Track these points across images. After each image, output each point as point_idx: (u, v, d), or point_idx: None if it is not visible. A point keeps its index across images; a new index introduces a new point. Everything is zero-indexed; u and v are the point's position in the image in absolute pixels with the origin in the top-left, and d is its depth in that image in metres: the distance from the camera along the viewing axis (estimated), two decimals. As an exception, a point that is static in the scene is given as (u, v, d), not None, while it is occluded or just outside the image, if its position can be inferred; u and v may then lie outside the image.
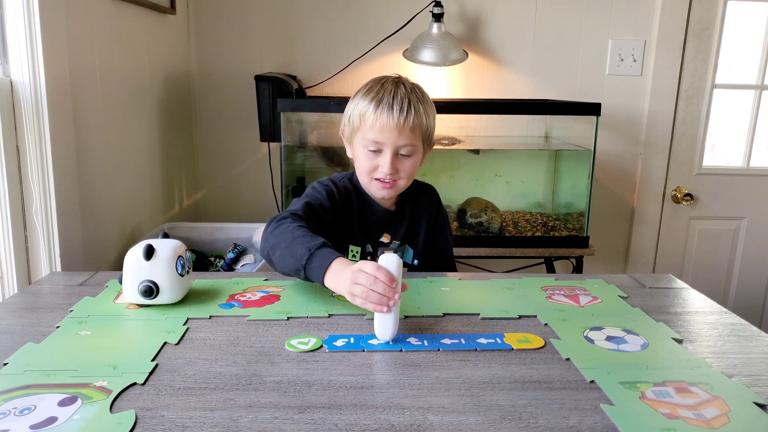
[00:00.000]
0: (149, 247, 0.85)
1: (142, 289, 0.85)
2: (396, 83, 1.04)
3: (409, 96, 1.02)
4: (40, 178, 1.10)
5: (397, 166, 1.03)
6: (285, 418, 0.59)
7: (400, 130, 1.00)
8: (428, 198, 1.18)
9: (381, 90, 1.03)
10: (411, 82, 1.06)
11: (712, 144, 2.17)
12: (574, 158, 1.94)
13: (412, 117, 1.01)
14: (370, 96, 1.03)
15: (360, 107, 1.04)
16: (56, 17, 1.12)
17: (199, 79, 2.01)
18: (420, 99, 1.03)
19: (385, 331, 0.77)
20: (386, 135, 1.01)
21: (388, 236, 1.12)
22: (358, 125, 1.04)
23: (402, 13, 1.95)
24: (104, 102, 1.36)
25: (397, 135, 1.01)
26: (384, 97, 1.01)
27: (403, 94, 1.02)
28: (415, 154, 1.05)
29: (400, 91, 1.02)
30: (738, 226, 2.18)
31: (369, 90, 1.04)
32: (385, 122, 1.00)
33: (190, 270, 0.91)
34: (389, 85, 1.03)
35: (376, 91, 1.03)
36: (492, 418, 0.59)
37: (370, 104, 1.02)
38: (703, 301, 0.96)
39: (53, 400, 0.61)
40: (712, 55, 2.04)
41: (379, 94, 1.02)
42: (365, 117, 1.02)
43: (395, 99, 1.01)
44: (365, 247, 1.11)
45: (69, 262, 1.17)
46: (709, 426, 0.58)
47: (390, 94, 1.02)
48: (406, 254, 1.14)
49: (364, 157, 1.05)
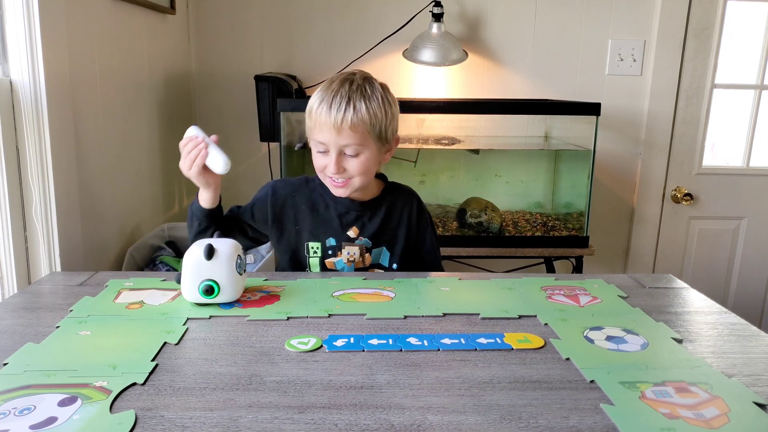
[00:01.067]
0: (210, 246, 0.85)
1: (203, 288, 0.85)
2: (344, 81, 1.02)
3: (351, 94, 0.99)
4: (39, 178, 1.10)
5: (344, 165, 1.02)
6: (285, 418, 0.59)
7: (338, 129, 0.99)
8: (407, 201, 1.16)
9: (328, 89, 1.01)
10: (364, 78, 1.03)
11: (712, 144, 2.17)
12: (573, 158, 1.94)
13: (350, 116, 0.98)
14: (319, 93, 1.02)
15: (309, 104, 1.03)
16: (56, 17, 1.11)
17: (199, 78, 2.01)
18: (366, 96, 1.00)
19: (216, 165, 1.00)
20: (326, 135, 1.00)
21: (356, 231, 1.10)
22: (309, 123, 1.04)
23: (402, 12, 1.95)
24: (104, 102, 1.36)
25: (336, 135, 0.99)
26: (325, 96, 1.00)
27: (345, 93, 0.99)
28: (364, 153, 1.02)
29: (343, 90, 1.00)
30: (738, 226, 2.18)
31: (321, 87, 1.03)
32: (324, 122, 0.99)
33: (245, 269, 0.92)
34: (336, 84, 1.01)
35: (324, 89, 1.02)
36: (492, 418, 0.59)
37: (314, 102, 1.02)
38: (702, 300, 0.96)
39: (53, 400, 0.61)
40: (711, 55, 2.04)
41: (326, 93, 1.01)
42: (311, 116, 1.02)
43: (335, 98, 0.99)
44: (325, 242, 1.09)
45: (69, 262, 1.17)
46: (709, 426, 0.58)
47: (332, 93, 1.00)
48: (383, 257, 1.11)
49: (315, 154, 1.05)
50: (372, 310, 0.87)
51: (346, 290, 0.95)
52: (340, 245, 1.09)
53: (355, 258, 1.09)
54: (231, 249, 0.87)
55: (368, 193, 1.12)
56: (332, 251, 1.09)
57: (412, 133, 1.90)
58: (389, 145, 1.08)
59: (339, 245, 1.09)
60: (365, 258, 1.10)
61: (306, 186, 1.14)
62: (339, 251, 1.09)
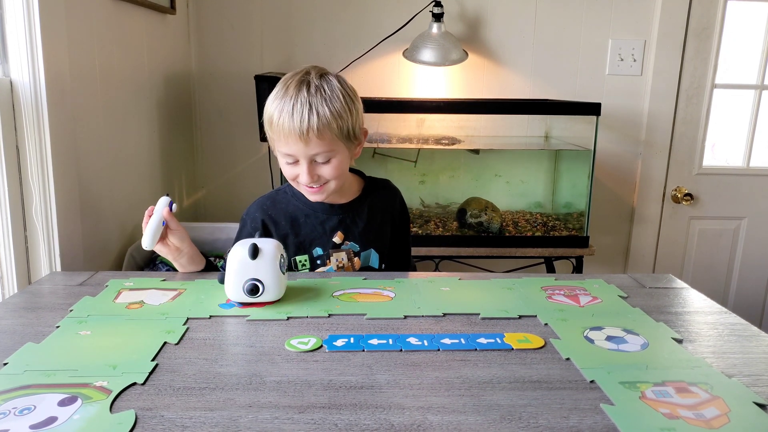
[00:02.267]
0: (255, 246, 0.85)
1: (248, 287, 0.85)
2: (300, 84, 0.95)
3: (311, 98, 0.93)
4: (40, 178, 1.10)
5: (318, 172, 0.98)
6: (285, 417, 0.59)
7: (305, 140, 0.93)
8: (390, 199, 1.13)
9: (285, 95, 0.95)
10: (320, 77, 0.97)
11: (712, 144, 2.17)
12: (574, 158, 1.94)
13: (315, 123, 0.92)
14: (277, 101, 0.95)
15: (268, 113, 0.97)
16: (56, 17, 1.11)
17: (199, 78, 2.01)
18: (327, 98, 0.94)
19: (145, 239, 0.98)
20: (293, 147, 0.95)
21: (341, 236, 1.07)
22: (270, 133, 0.99)
23: (402, 12, 1.95)
24: (104, 102, 1.36)
25: (304, 145, 0.94)
26: (284, 105, 0.93)
27: (304, 99, 0.93)
28: (335, 158, 0.98)
29: (301, 96, 0.93)
30: (738, 226, 2.18)
31: (276, 93, 0.97)
32: (288, 134, 0.94)
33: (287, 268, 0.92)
34: (293, 89, 0.95)
35: (281, 96, 0.95)
36: (492, 418, 0.59)
37: (274, 111, 0.95)
38: (703, 301, 0.96)
39: (53, 400, 0.61)
40: (712, 55, 2.04)
41: (283, 101, 0.94)
42: (272, 126, 0.96)
43: (294, 107, 0.92)
44: (312, 252, 1.07)
45: (69, 262, 1.17)
46: (709, 426, 0.58)
47: (290, 99, 0.93)
48: (372, 259, 1.09)
49: (284, 165, 1.00)
50: (372, 310, 0.87)
51: (346, 290, 0.95)
52: (327, 253, 1.07)
53: (344, 264, 1.07)
54: (274, 248, 0.88)
55: (348, 194, 1.09)
56: (320, 261, 1.07)
57: (412, 133, 1.90)
58: (358, 140, 1.03)
59: (327, 254, 1.07)
60: (354, 262, 1.08)
61: (279, 199, 1.10)
62: (327, 260, 1.07)
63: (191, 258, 1.04)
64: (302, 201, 1.08)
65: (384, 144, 1.85)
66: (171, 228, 1.01)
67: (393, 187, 1.17)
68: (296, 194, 1.09)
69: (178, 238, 1.01)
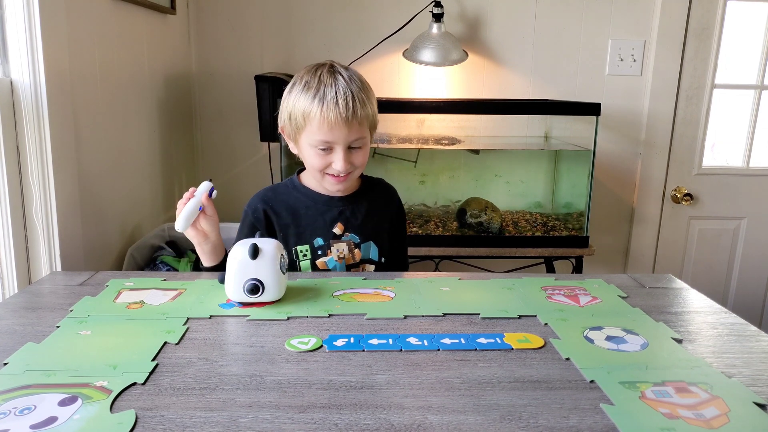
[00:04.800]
0: (255, 246, 0.86)
1: (248, 287, 0.85)
2: (332, 73, 0.99)
3: (350, 87, 0.98)
4: (40, 178, 1.10)
5: (351, 160, 1.02)
6: (285, 417, 0.59)
7: (349, 125, 0.98)
8: (390, 198, 1.17)
9: (320, 85, 0.98)
10: (345, 69, 1.02)
11: (712, 144, 2.17)
12: (573, 158, 1.94)
13: (359, 110, 0.97)
14: (310, 93, 0.98)
15: (301, 106, 0.99)
16: (56, 17, 1.12)
17: (199, 78, 2.01)
18: (360, 87, 1.00)
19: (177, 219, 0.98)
20: (336, 133, 0.98)
21: (341, 227, 1.09)
22: (303, 125, 1.00)
23: (402, 13, 1.95)
24: (104, 102, 1.36)
25: (347, 131, 0.98)
26: (327, 94, 0.97)
27: (345, 86, 0.97)
28: (366, 144, 1.03)
29: (340, 84, 0.98)
30: (738, 226, 2.18)
31: (306, 86, 0.99)
32: (333, 121, 0.97)
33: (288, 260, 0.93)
34: (327, 77, 0.98)
35: (315, 87, 0.98)
36: (492, 418, 0.60)
37: (312, 102, 0.97)
38: (702, 300, 0.96)
39: (53, 399, 0.61)
40: (711, 55, 2.04)
41: (320, 91, 0.97)
42: (310, 117, 0.98)
43: (338, 93, 0.97)
44: (313, 242, 1.09)
45: (69, 262, 1.17)
46: (709, 426, 0.58)
47: (332, 88, 0.97)
48: (372, 251, 1.11)
49: (314, 155, 1.02)
50: (372, 310, 0.87)
51: (346, 290, 0.95)
52: (328, 244, 1.09)
53: (345, 255, 1.09)
54: (275, 248, 0.88)
55: (349, 188, 1.11)
56: (321, 251, 1.09)
57: (412, 133, 1.90)
58: (375, 130, 1.08)
59: (327, 244, 1.09)
60: (355, 254, 1.10)
61: (280, 191, 1.12)
62: (328, 250, 1.09)
63: (215, 247, 1.05)
64: (303, 193, 1.10)
65: (384, 144, 1.85)
66: (207, 214, 1.02)
67: (390, 186, 1.20)
68: (297, 186, 1.11)
69: (211, 225, 1.03)
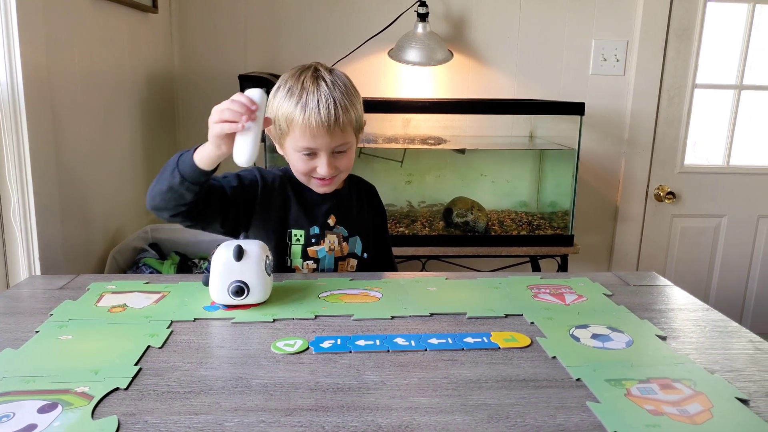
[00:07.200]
0: (240, 247, 0.84)
1: (233, 289, 0.84)
2: (315, 80, 0.98)
3: (333, 93, 0.97)
4: (18, 180, 1.08)
5: (335, 164, 1.02)
6: (271, 421, 0.58)
7: (331, 133, 0.97)
8: (371, 194, 1.20)
9: (302, 92, 0.97)
10: (329, 72, 1.01)
11: (693, 143, 2.20)
12: (558, 157, 1.95)
13: (342, 117, 0.97)
14: (293, 99, 0.98)
15: (284, 111, 0.99)
16: (34, 16, 1.09)
17: (182, 78, 1.99)
18: (344, 92, 0.99)
19: (241, 154, 0.84)
20: (319, 141, 0.98)
21: (334, 218, 1.10)
22: (287, 130, 1.00)
23: (387, 12, 1.95)
24: (85, 102, 1.34)
25: (329, 139, 0.98)
26: (309, 101, 0.96)
27: (327, 94, 0.97)
28: (351, 148, 1.03)
29: (322, 90, 0.97)
30: (719, 224, 2.22)
31: (290, 92, 0.99)
32: (315, 128, 0.96)
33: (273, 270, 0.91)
34: (309, 84, 0.98)
35: (298, 94, 0.98)
36: (479, 418, 0.59)
37: (295, 108, 0.97)
38: (685, 298, 0.97)
39: (33, 406, 0.60)
40: (692, 55, 2.07)
41: (303, 98, 0.97)
42: (293, 123, 0.98)
43: (320, 101, 0.96)
44: (309, 230, 1.08)
45: (49, 265, 1.15)
46: (693, 422, 0.59)
47: (314, 95, 0.97)
48: (357, 246, 1.12)
49: (299, 160, 1.02)
50: (359, 310, 0.87)
51: (333, 291, 0.95)
52: (323, 234, 1.09)
53: (334, 247, 1.09)
54: (260, 250, 0.87)
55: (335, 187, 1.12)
56: (315, 240, 1.09)
57: (398, 133, 1.90)
58: (362, 132, 1.08)
59: (322, 233, 1.09)
60: (343, 247, 1.10)
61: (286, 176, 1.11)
62: (322, 240, 1.09)
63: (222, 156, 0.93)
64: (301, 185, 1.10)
65: (370, 144, 1.85)
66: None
67: (370, 184, 1.22)
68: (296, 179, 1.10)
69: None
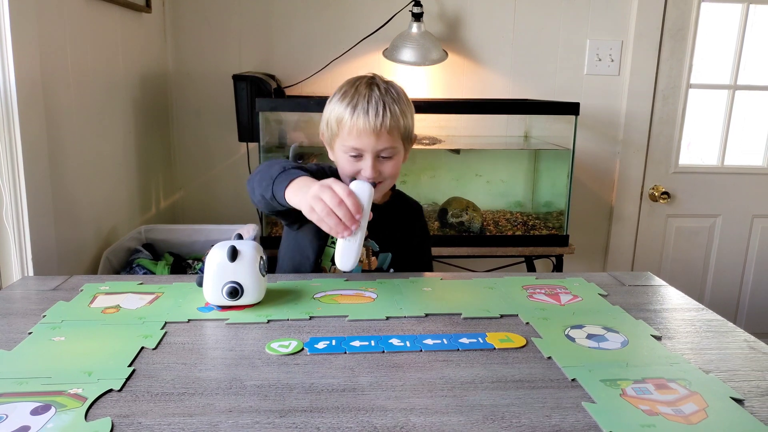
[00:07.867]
0: (234, 248, 0.84)
1: (227, 290, 0.84)
2: (370, 85, 1.03)
3: (384, 98, 1.01)
4: (11, 180, 1.07)
5: (380, 168, 1.03)
6: (266, 422, 0.58)
7: (377, 134, 1.00)
8: (416, 216, 1.21)
9: (355, 94, 1.02)
10: (386, 82, 1.06)
11: (688, 143, 2.21)
12: (553, 158, 1.96)
13: (389, 120, 1.00)
14: (345, 101, 1.02)
15: (336, 113, 1.03)
16: (27, 16, 1.09)
17: (176, 78, 1.98)
18: (395, 99, 1.03)
19: (346, 259, 0.82)
20: (364, 141, 1.01)
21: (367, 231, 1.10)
22: (337, 131, 1.04)
23: (382, 12, 1.95)
24: (78, 102, 1.33)
25: (375, 140, 1.00)
26: (359, 102, 1.01)
27: (378, 97, 1.01)
28: (397, 155, 1.05)
29: (374, 94, 1.01)
30: (713, 224, 2.23)
31: (344, 94, 1.03)
32: (362, 128, 1.00)
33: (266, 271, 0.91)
34: (363, 88, 1.02)
35: (350, 96, 1.02)
36: (475, 419, 0.59)
37: (345, 110, 1.01)
38: (680, 298, 0.97)
39: (26, 408, 0.59)
40: (687, 56, 2.08)
41: (354, 99, 1.01)
42: (342, 123, 1.02)
43: (369, 103, 1.00)
44: None
45: (42, 266, 1.14)
46: (688, 421, 0.59)
47: (364, 98, 1.01)
48: (386, 263, 1.13)
49: (346, 162, 1.04)
50: (354, 311, 0.87)
51: (327, 292, 0.95)
52: None
53: (363, 259, 1.10)
54: (254, 251, 0.86)
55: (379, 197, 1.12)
56: None
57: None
58: (411, 143, 1.10)
59: None
60: (372, 261, 1.11)
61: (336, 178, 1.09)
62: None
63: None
64: None
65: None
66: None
67: (419, 206, 1.23)
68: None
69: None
